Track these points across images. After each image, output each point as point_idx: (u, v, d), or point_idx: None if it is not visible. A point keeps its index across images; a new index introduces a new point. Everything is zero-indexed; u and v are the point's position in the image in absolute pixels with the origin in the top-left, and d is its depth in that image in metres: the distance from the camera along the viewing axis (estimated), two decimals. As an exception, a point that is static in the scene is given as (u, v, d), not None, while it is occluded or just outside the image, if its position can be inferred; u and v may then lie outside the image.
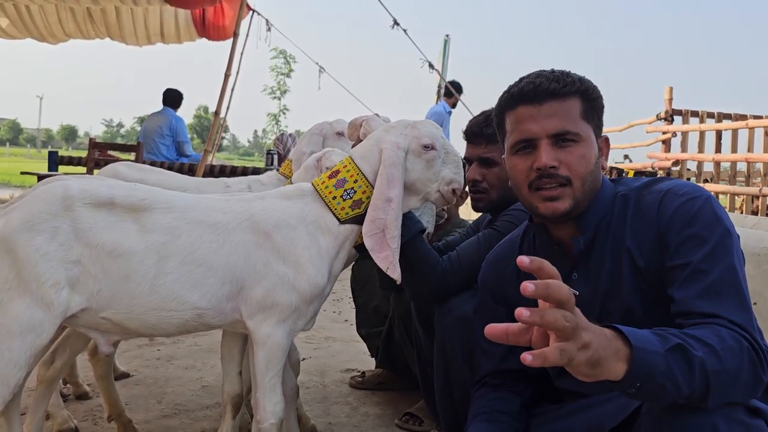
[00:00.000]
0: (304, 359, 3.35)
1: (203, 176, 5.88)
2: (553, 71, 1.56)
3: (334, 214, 1.82)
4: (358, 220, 1.83)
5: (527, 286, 1.02)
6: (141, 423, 2.49)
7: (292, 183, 2.37)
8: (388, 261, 1.76)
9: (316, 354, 3.66)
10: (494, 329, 1.08)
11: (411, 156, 1.85)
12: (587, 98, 1.55)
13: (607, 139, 1.62)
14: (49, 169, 6.97)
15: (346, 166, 1.87)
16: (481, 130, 2.20)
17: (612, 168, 9.95)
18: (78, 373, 2.77)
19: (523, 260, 1.06)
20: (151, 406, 2.72)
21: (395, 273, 1.76)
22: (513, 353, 1.76)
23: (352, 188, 1.83)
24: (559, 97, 1.52)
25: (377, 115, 2.50)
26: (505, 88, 1.62)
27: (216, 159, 10.80)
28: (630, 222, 1.52)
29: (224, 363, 2.05)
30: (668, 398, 1.18)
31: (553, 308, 1.04)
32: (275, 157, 5.61)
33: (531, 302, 1.67)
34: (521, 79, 1.58)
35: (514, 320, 1.73)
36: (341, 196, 1.83)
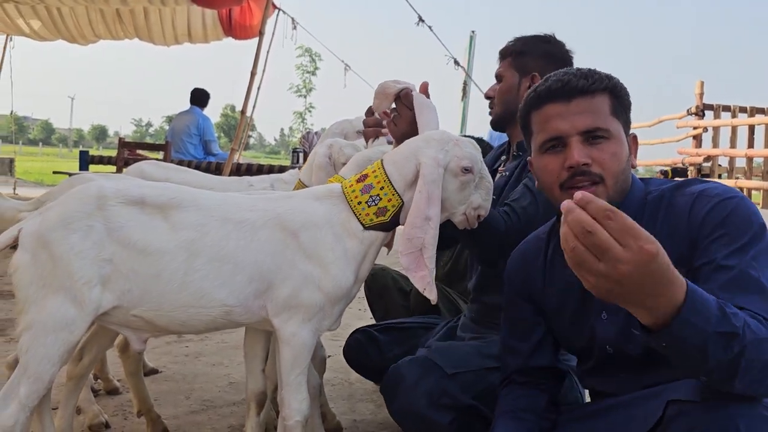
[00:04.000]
0: (329, 356, 3.35)
1: (230, 174, 5.94)
2: (580, 69, 1.54)
3: (358, 219, 1.79)
4: (383, 227, 1.80)
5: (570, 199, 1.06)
6: (169, 418, 2.52)
7: (301, 181, 2.36)
8: (425, 281, 1.69)
9: (342, 352, 3.66)
10: None
11: (447, 174, 1.77)
12: (616, 95, 1.52)
13: (635, 137, 1.59)
14: (80, 168, 7.11)
15: (374, 171, 1.82)
16: (502, 49, 2.31)
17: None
18: (108, 369, 2.82)
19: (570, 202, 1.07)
20: (179, 402, 2.76)
21: (432, 294, 1.70)
22: (540, 351, 1.75)
23: (378, 195, 1.78)
24: (588, 93, 1.50)
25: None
26: (530, 90, 1.60)
27: (243, 157, 10.92)
28: (661, 224, 1.49)
29: (247, 360, 2.06)
30: (690, 367, 1.18)
31: (585, 215, 1.04)
32: (301, 155, 5.65)
33: (564, 305, 1.66)
34: (547, 78, 1.56)
35: (538, 317, 1.73)
36: (366, 202, 1.78)
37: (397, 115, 2.07)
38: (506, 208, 2.01)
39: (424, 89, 2.05)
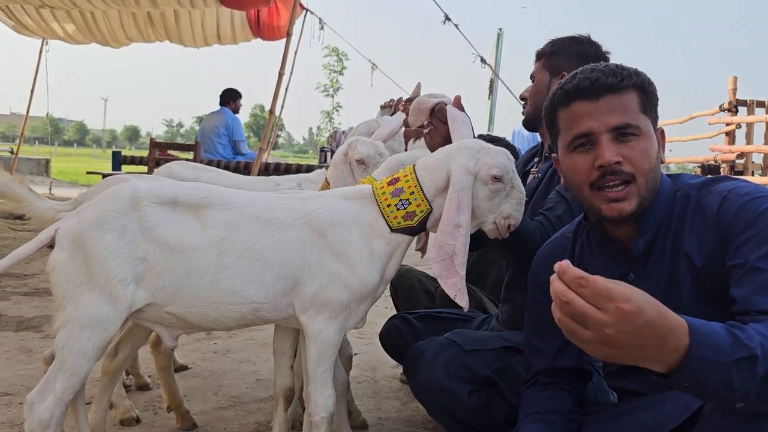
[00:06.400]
0: (356, 354, 3.38)
1: (258, 174, 6.01)
2: (607, 65, 1.52)
3: (386, 221, 1.81)
4: (410, 231, 1.82)
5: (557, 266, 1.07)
6: (198, 414, 2.57)
7: (327, 180, 2.38)
8: (456, 288, 1.71)
9: (368, 349, 3.69)
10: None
11: (477, 182, 1.78)
12: (644, 91, 1.50)
13: (662, 132, 1.57)
14: (113, 169, 7.26)
15: (406, 175, 1.84)
16: (538, 50, 2.33)
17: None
18: (140, 365, 2.88)
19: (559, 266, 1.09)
20: (207, 398, 2.81)
21: (463, 300, 1.71)
22: (565, 351, 1.73)
23: (407, 199, 1.80)
24: (616, 91, 1.48)
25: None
26: (556, 86, 1.58)
27: (271, 156, 11.01)
28: (689, 223, 1.47)
29: (276, 357, 2.10)
30: (719, 399, 1.15)
31: (561, 285, 1.06)
32: (328, 154, 5.69)
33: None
34: (574, 75, 1.54)
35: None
36: (395, 205, 1.80)
37: (432, 129, 2.11)
38: (541, 217, 2.01)
39: (458, 103, 2.09)
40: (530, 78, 2.37)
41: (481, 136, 2.55)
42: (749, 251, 1.34)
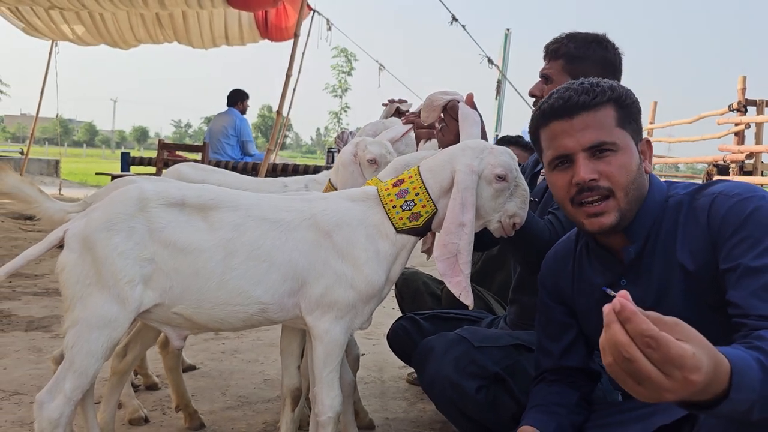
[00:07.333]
0: (363, 354, 3.39)
1: (266, 175, 6.02)
2: (582, 83, 1.54)
3: (391, 222, 1.82)
4: (415, 232, 1.83)
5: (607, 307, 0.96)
6: (206, 414, 2.59)
7: (330, 181, 2.38)
8: (461, 286, 1.73)
9: (375, 350, 3.70)
10: None
11: (482, 182, 1.80)
12: (621, 105, 1.51)
13: (648, 142, 1.59)
14: (122, 170, 7.28)
15: (411, 177, 1.85)
16: (547, 47, 2.26)
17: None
18: (148, 365, 2.90)
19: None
20: (215, 398, 2.82)
21: (468, 299, 1.73)
22: (571, 352, 1.76)
23: (413, 200, 1.82)
24: (590, 108, 1.50)
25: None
26: (535, 108, 1.63)
27: (279, 157, 11.04)
28: (682, 228, 1.49)
29: (283, 357, 2.11)
30: (733, 420, 1.14)
31: (624, 337, 0.94)
32: (336, 154, 5.70)
33: (591, 308, 1.66)
34: (551, 95, 1.57)
35: (570, 319, 1.74)
36: (401, 206, 1.82)
37: (444, 126, 2.12)
38: (550, 216, 2.02)
39: (470, 101, 2.09)
40: (541, 76, 2.28)
41: (500, 139, 2.53)
42: (741, 254, 1.34)
